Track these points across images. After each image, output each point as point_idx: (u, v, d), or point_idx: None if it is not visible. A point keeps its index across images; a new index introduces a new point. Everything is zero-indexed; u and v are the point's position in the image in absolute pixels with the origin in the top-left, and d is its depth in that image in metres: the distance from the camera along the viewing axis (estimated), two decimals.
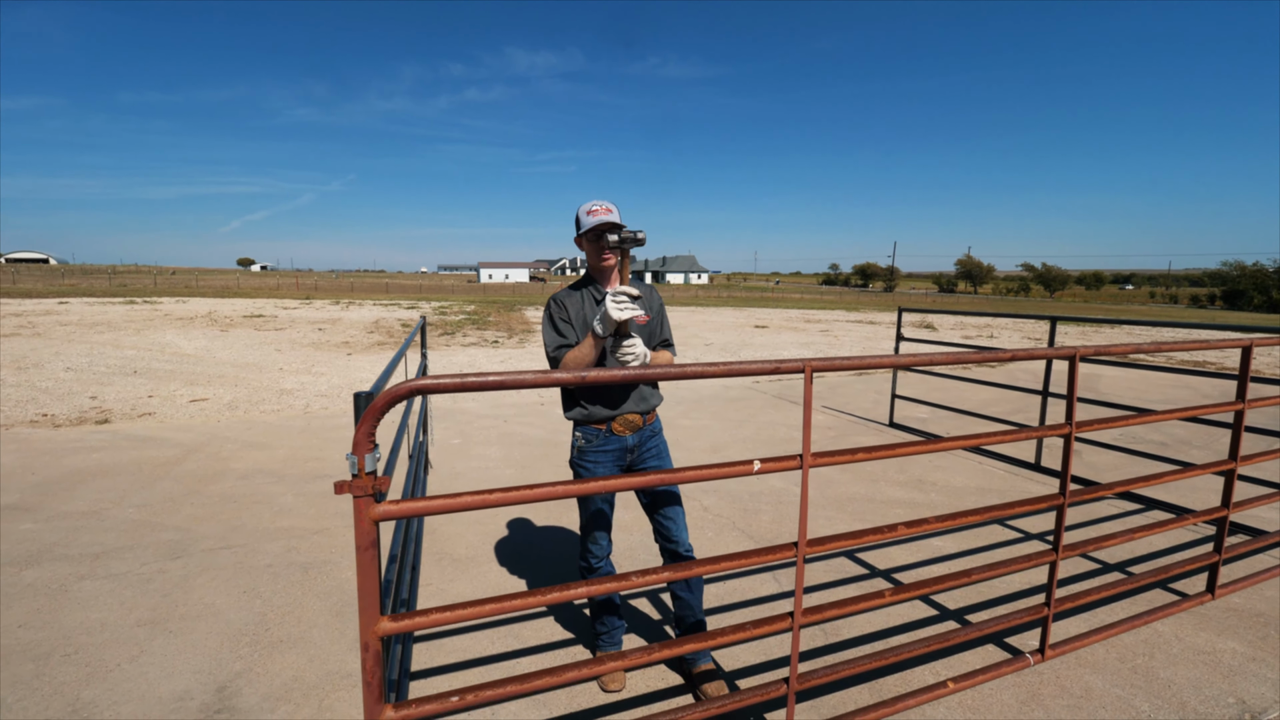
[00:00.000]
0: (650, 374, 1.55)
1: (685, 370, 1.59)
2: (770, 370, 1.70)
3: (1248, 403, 2.82)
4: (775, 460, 1.73)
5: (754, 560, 1.76)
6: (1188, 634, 2.70)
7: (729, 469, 1.69)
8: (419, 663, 2.44)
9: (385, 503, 1.38)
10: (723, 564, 1.72)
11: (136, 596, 2.91)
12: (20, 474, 4.59)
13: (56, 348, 10.86)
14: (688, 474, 1.65)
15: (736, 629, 1.77)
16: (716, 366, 1.63)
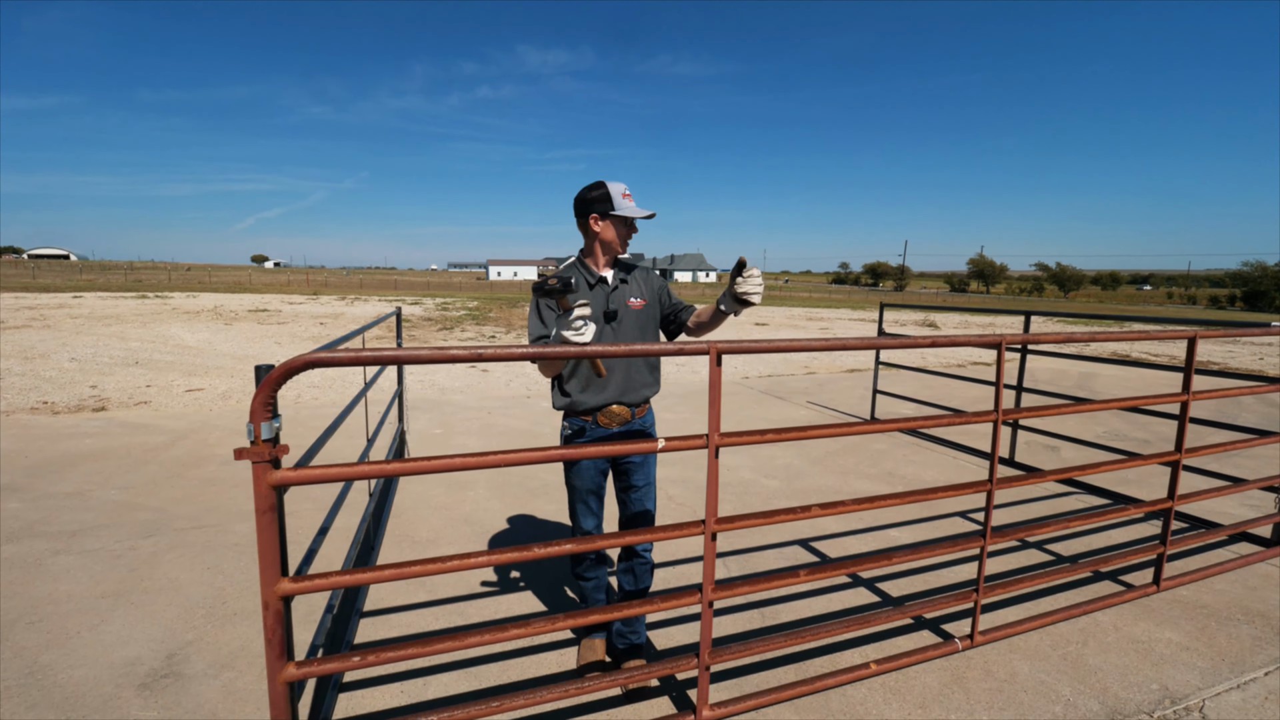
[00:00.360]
0: (549, 352, 1.61)
1: (584, 350, 1.65)
2: (674, 352, 1.76)
3: (1192, 394, 2.83)
4: (681, 439, 1.78)
5: (660, 535, 1.82)
6: (1126, 624, 2.71)
7: (636, 445, 1.75)
8: (364, 635, 2.52)
9: (283, 469, 1.45)
10: (625, 538, 1.78)
11: (105, 571, 3.02)
12: (15, 457, 4.75)
13: (64, 339, 11.14)
14: (590, 449, 1.71)
15: (643, 602, 1.83)
16: (619, 347, 1.69)
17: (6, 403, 6.60)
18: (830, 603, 2.85)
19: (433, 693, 2.19)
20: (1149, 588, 2.92)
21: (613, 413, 2.18)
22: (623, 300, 2.18)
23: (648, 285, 2.27)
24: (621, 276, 2.23)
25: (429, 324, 16.77)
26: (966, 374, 9.60)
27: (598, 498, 2.29)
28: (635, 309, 2.21)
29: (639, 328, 2.22)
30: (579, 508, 2.28)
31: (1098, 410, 2.61)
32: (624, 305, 2.18)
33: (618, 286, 2.20)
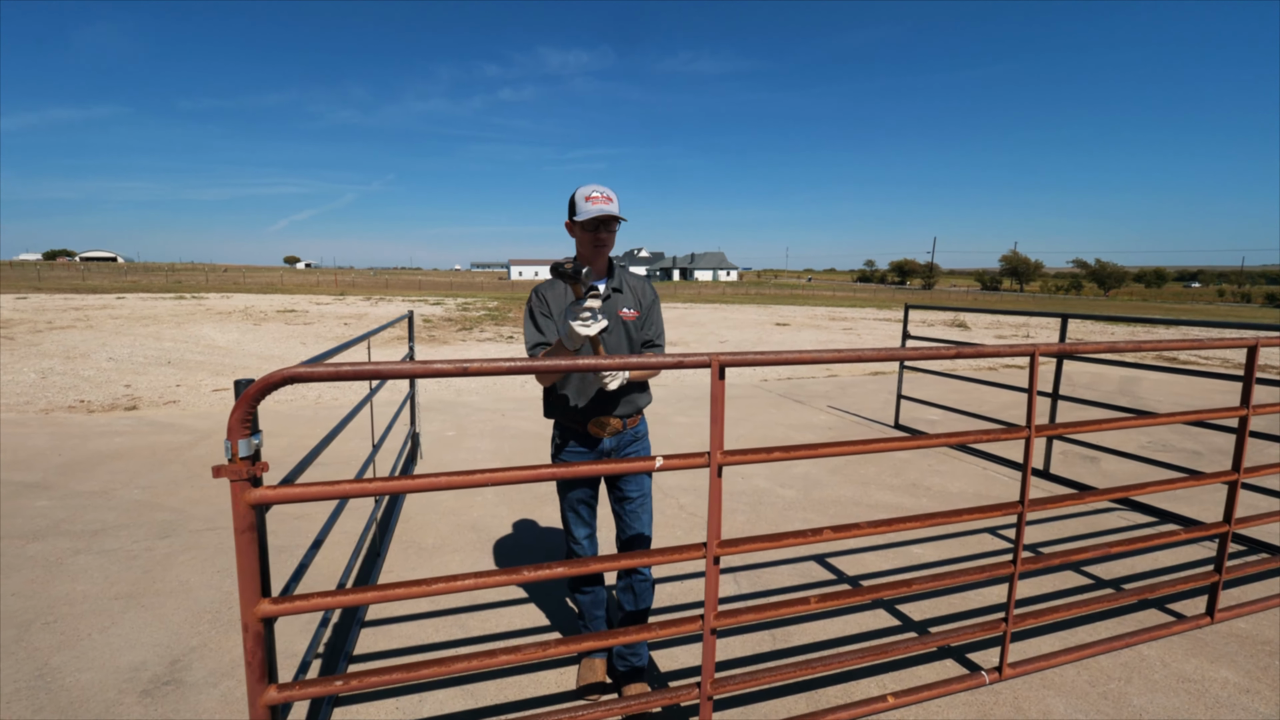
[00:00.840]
0: (536, 366, 1.53)
1: (575, 364, 1.56)
2: (673, 365, 1.66)
3: (1253, 408, 2.60)
4: (681, 457, 1.68)
5: (658, 559, 1.72)
6: (1176, 660, 2.51)
7: (631, 464, 1.66)
8: (364, 647, 2.49)
9: (262, 488, 1.40)
10: (621, 561, 1.69)
11: (121, 572, 3.05)
12: (48, 455, 4.89)
13: (104, 339, 11.55)
14: (582, 468, 1.62)
15: (640, 629, 1.74)
16: (612, 359, 1.60)
17: (46, 401, 6.83)
18: (846, 625, 2.71)
19: (427, 710, 2.13)
20: (1202, 619, 2.70)
21: (603, 423, 2.10)
22: (613, 311, 2.10)
23: (642, 297, 2.18)
24: (614, 286, 2.13)
25: (449, 324, 16.94)
26: (998, 378, 9.26)
27: (589, 507, 2.23)
28: (627, 320, 2.12)
29: (630, 341, 2.13)
30: (570, 516, 2.22)
31: (1143, 426, 2.42)
32: (614, 316, 2.10)
33: (609, 296, 2.10)
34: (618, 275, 2.16)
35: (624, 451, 2.17)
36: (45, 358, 9.41)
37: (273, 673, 1.48)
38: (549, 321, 2.08)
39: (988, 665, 2.35)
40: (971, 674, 2.26)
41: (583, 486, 2.18)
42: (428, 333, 14.89)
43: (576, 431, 2.13)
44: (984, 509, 2.11)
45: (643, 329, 2.17)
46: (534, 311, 2.10)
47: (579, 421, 2.11)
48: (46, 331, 12.31)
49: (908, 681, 2.32)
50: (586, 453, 2.15)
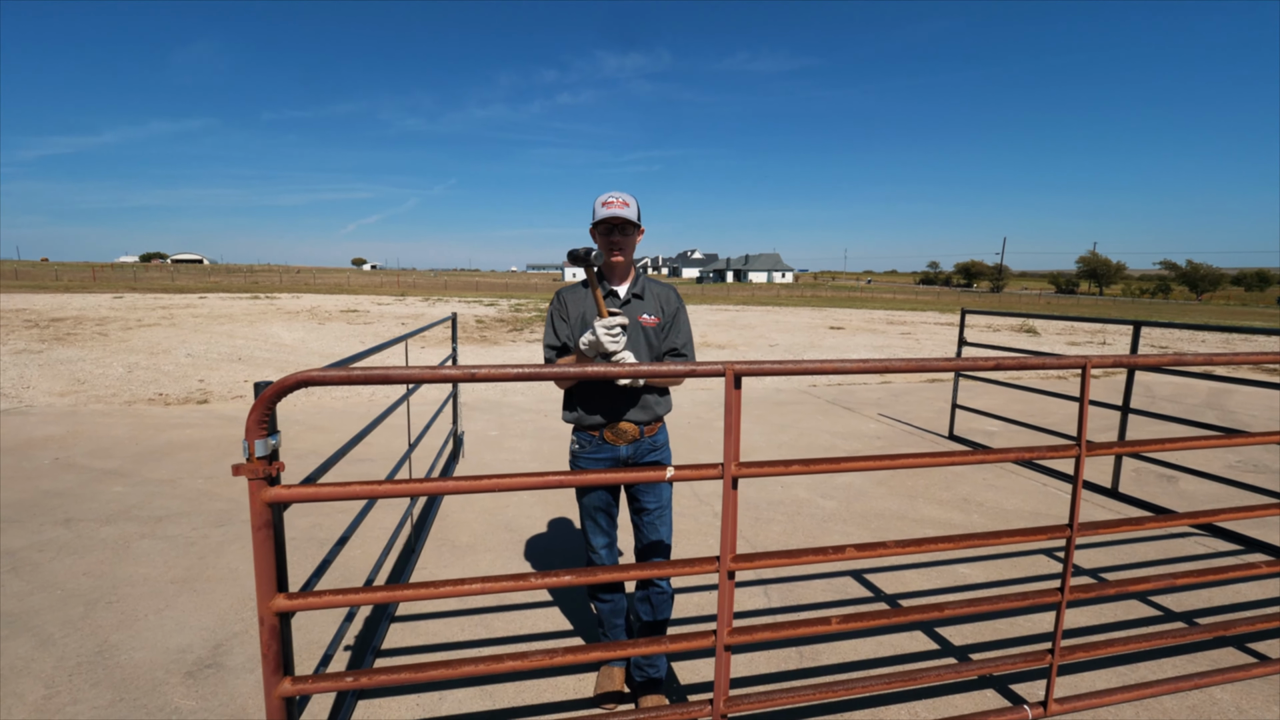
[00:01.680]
0: (542, 374, 1.52)
1: (586, 371, 1.54)
2: (685, 374, 1.61)
3: None
4: (694, 468, 1.64)
5: (670, 571, 1.68)
6: (1254, 707, 2.25)
7: (644, 474, 1.62)
8: (392, 641, 2.55)
9: (278, 487, 1.45)
10: (634, 571, 1.65)
11: (179, 557, 3.26)
12: (127, 444, 5.30)
13: (184, 336, 12.49)
14: (590, 476, 1.59)
15: (651, 642, 1.70)
16: (621, 368, 1.56)
17: (130, 393, 7.43)
18: (880, 646, 2.57)
19: (446, 709, 2.16)
20: None
21: (620, 430, 2.08)
22: (633, 316, 2.10)
23: (665, 305, 2.17)
24: (635, 292, 2.13)
25: (501, 325, 17.37)
26: (1068, 387, 8.65)
27: (608, 515, 2.20)
28: (647, 326, 2.11)
29: (648, 346, 2.11)
30: (588, 525, 2.21)
31: (1222, 445, 2.18)
32: (634, 321, 2.09)
33: (629, 301, 2.11)
34: (640, 281, 2.15)
35: (642, 460, 2.15)
36: (132, 353, 10.25)
37: (288, 665, 1.53)
38: (566, 326, 2.10)
39: (1033, 699, 2.17)
40: (1013, 707, 2.09)
41: (600, 494, 2.16)
42: (480, 333, 15.32)
43: (593, 438, 2.11)
44: (1028, 531, 1.95)
45: (665, 337, 2.15)
46: (554, 315, 2.14)
47: (596, 428, 2.10)
48: (136, 329, 13.44)
49: (942, 710, 2.18)
50: (604, 460, 2.13)
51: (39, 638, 2.52)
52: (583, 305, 2.11)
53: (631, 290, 2.12)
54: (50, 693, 2.20)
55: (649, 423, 2.12)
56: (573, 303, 2.12)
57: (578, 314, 2.10)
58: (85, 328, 13.24)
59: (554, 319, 2.14)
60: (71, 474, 4.48)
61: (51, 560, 3.18)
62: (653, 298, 2.15)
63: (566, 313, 2.12)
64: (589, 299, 2.10)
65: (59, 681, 2.26)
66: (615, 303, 2.10)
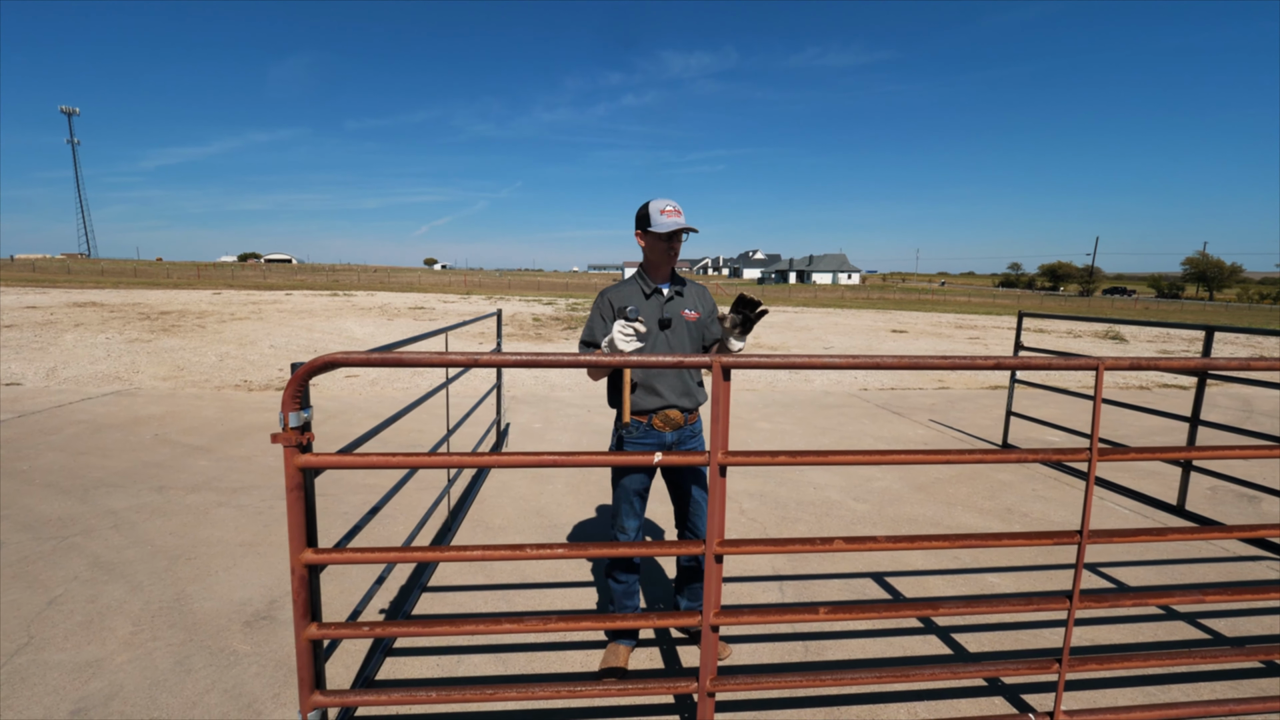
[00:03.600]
0: (545, 361, 1.65)
1: (602, 359, 1.66)
2: (674, 364, 1.71)
3: None
4: (682, 454, 1.72)
5: (657, 551, 1.77)
6: None
7: (629, 457, 1.73)
8: (422, 608, 2.78)
9: (309, 454, 1.66)
10: (620, 549, 1.76)
11: (248, 523, 3.65)
12: (214, 424, 5.91)
13: (269, 329, 13.63)
14: (582, 458, 1.72)
15: (639, 617, 1.80)
16: (612, 358, 1.68)
17: (220, 380, 8.23)
18: (889, 646, 2.56)
19: (463, 670, 2.35)
20: None
21: (669, 416, 2.26)
22: (677, 311, 2.30)
23: (703, 302, 2.39)
24: (677, 289, 2.34)
25: (557, 323, 17.86)
26: (1151, 397, 8.00)
27: (642, 498, 2.37)
28: (690, 320, 2.31)
29: (691, 339, 2.32)
30: (623, 507, 2.36)
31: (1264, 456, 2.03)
32: (678, 315, 2.29)
33: (673, 298, 2.32)
34: (680, 280, 2.38)
35: (683, 445, 2.34)
36: (224, 344, 11.31)
37: (316, 613, 1.74)
38: (605, 326, 2.26)
39: (1042, 709, 2.11)
40: (1018, 715, 2.05)
41: (640, 477, 2.33)
42: (535, 330, 15.83)
43: (641, 424, 2.28)
44: (1031, 535, 1.91)
45: (707, 330, 2.37)
46: (597, 313, 2.29)
47: (646, 414, 2.27)
48: (229, 322, 14.80)
49: (943, 712, 2.16)
50: (650, 445, 2.29)
51: (131, 584, 2.92)
52: (626, 303, 2.28)
53: (675, 289, 2.34)
54: (136, 629, 2.55)
55: (691, 410, 2.32)
56: (617, 302, 2.28)
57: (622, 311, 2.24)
58: (187, 320, 14.71)
59: (597, 317, 2.28)
60: (167, 448, 5.06)
61: (146, 520, 3.64)
62: (692, 294, 2.38)
63: (610, 311, 2.27)
64: (633, 296, 2.29)
65: (144, 621, 2.61)
66: (660, 300, 2.30)
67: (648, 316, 2.26)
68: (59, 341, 10.72)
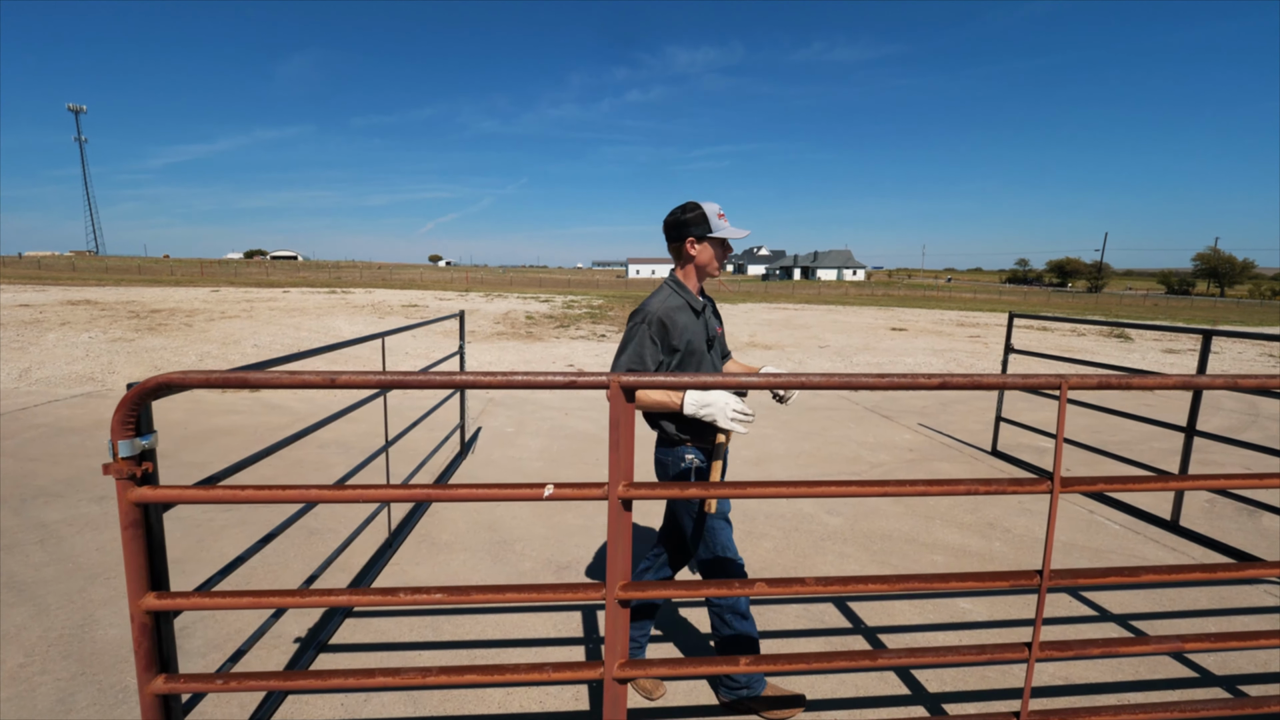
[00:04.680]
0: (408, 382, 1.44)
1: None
2: (565, 384, 1.49)
3: None
4: (574, 486, 1.51)
5: (549, 596, 1.56)
6: None
7: (515, 491, 1.52)
8: (342, 637, 2.58)
9: (144, 488, 1.45)
10: (509, 595, 1.55)
11: (186, 538, 3.46)
12: (178, 427, 5.74)
13: (256, 328, 13.49)
14: (461, 491, 1.51)
15: (533, 669, 1.59)
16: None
17: None
18: (841, 685, 2.34)
19: (369, 711, 2.15)
20: None
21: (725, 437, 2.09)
22: (714, 326, 2.17)
23: (719, 315, 2.29)
24: (707, 300, 2.20)
25: (549, 321, 17.65)
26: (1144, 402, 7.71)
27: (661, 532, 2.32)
28: (720, 335, 2.22)
29: (722, 354, 2.24)
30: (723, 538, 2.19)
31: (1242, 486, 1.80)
32: (714, 331, 2.17)
33: (707, 312, 2.17)
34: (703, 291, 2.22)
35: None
36: (208, 343, 11.17)
37: (164, 664, 1.54)
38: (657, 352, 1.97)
39: None
40: None
41: None
42: (527, 329, 15.63)
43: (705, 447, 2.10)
44: (983, 576, 1.68)
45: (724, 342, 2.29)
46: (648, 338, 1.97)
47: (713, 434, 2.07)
48: (218, 320, 14.67)
49: None
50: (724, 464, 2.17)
51: (38, 607, 2.74)
52: (691, 333, 2.03)
53: (706, 299, 2.18)
54: (26, 661, 2.36)
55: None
56: (679, 330, 2.00)
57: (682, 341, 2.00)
58: (176, 319, 14.60)
59: (647, 340, 1.96)
60: None
61: (75, 534, 3.46)
62: (714, 308, 2.24)
63: (672, 339, 1.99)
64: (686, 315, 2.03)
65: (38, 651, 2.43)
66: (705, 317, 2.15)
67: (696, 336, 2.04)
68: (40, 341, 10.61)
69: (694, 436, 2.05)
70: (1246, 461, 5.27)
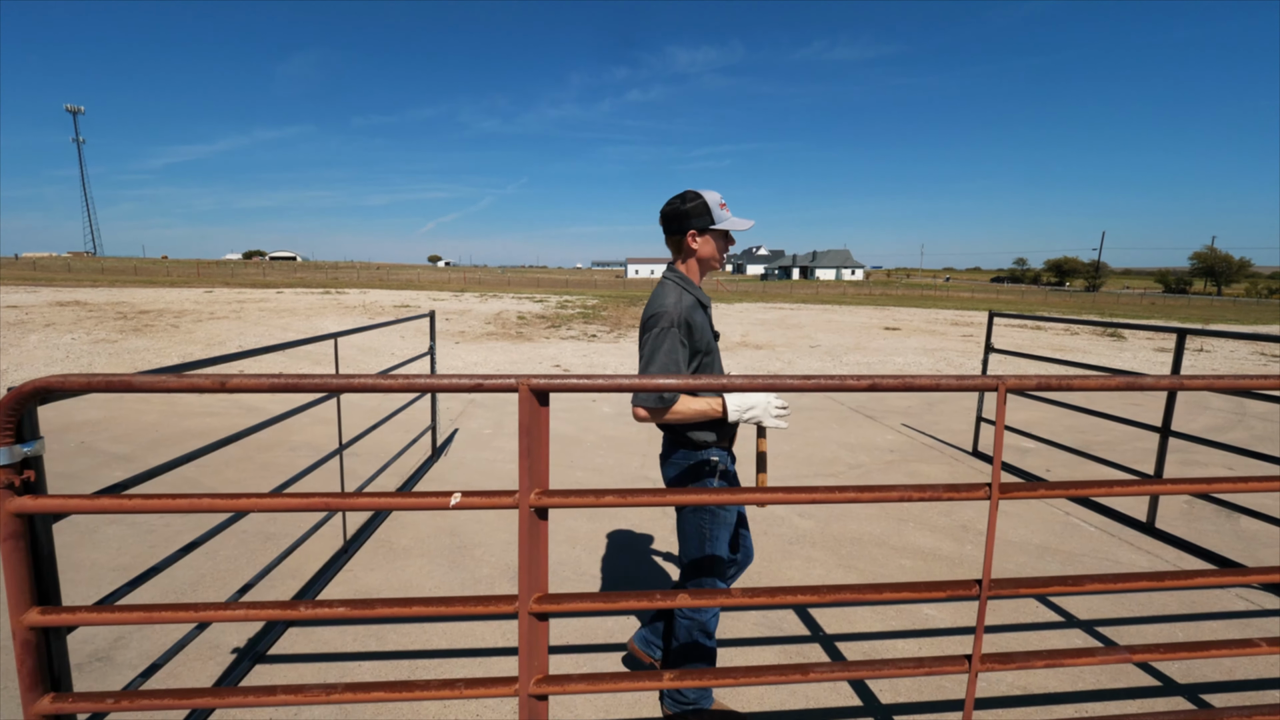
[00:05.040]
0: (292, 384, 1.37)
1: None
2: (471, 387, 1.42)
3: None
4: (483, 495, 1.44)
5: (458, 609, 1.49)
6: None
7: (420, 499, 1.45)
8: (283, 647, 2.51)
9: (25, 497, 1.38)
10: (414, 608, 1.48)
11: (136, 544, 3.40)
12: (149, 431, 5.66)
13: (244, 329, 13.40)
14: (361, 500, 1.44)
15: (444, 684, 1.52)
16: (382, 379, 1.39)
17: None
18: (792, 695, 2.27)
19: None
20: None
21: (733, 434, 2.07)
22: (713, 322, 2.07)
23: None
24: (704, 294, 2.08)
25: (541, 321, 17.57)
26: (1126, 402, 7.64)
27: None
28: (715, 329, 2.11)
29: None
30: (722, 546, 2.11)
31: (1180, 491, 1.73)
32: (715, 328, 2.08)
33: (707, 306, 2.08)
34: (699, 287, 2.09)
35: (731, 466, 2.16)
36: (192, 344, 11.09)
37: (55, 682, 1.46)
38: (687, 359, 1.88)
39: None
40: None
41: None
42: (518, 329, 15.56)
43: (725, 451, 2.03)
44: (919, 586, 1.61)
45: None
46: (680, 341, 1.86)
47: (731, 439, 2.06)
48: (206, 321, 14.57)
49: None
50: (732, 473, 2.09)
51: None
52: (706, 334, 1.95)
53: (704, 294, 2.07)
54: None
55: None
56: (699, 330, 1.91)
57: (703, 342, 1.93)
58: (164, 320, 14.50)
59: (678, 344, 1.85)
60: (87, 458, 4.82)
61: None
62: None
63: (695, 341, 1.90)
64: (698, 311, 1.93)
65: None
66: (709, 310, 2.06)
67: (703, 331, 1.93)
68: (22, 343, 10.53)
69: (721, 438, 2.00)
70: (1230, 461, 5.21)
